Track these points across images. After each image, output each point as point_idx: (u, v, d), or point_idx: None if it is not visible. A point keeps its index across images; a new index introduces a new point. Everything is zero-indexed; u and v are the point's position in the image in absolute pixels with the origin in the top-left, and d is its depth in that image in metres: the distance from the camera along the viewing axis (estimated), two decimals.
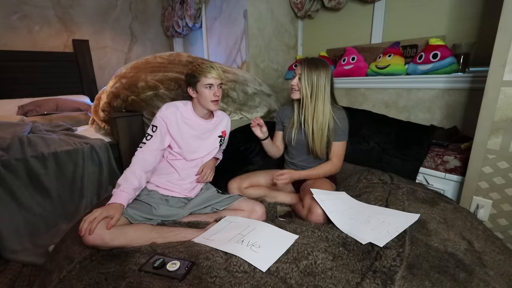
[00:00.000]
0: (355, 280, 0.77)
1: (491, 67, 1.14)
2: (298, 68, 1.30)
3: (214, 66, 1.23)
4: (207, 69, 1.21)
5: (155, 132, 1.21)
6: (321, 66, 1.28)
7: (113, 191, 1.08)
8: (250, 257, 0.86)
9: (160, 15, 3.91)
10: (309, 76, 1.27)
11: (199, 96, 1.24)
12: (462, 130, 1.65)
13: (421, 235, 0.96)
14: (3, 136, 1.56)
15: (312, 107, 1.30)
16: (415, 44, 1.84)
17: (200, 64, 1.23)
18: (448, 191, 1.42)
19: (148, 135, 1.22)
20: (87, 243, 0.94)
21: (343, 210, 1.10)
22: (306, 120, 1.33)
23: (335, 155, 1.36)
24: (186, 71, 1.27)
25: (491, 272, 0.83)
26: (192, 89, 1.25)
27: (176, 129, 1.25)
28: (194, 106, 1.30)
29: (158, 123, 1.22)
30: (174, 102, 1.30)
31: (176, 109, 1.26)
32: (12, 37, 2.90)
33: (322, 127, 1.30)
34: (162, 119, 1.23)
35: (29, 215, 1.48)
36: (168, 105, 1.27)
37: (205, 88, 1.21)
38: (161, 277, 0.80)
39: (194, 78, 1.22)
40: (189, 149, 1.28)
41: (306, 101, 1.30)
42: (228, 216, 1.17)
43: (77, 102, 2.98)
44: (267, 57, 2.54)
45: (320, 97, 1.28)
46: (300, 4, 2.41)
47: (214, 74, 1.21)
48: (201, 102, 1.25)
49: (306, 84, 1.28)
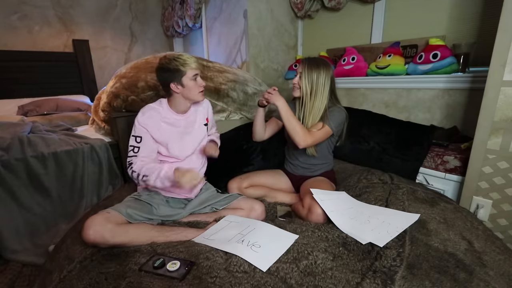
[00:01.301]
0: (355, 280, 0.77)
1: (491, 67, 1.14)
2: (299, 67, 1.32)
3: (192, 56, 1.19)
4: (189, 59, 1.15)
5: (141, 142, 1.17)
6: (321, 65, 1.29)
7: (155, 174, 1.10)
8: (250, 257, 0.86)
9: (160, 15, 3.91)
10: (310, 74, 1.28)
11: (185, 90, 1.18)
12: (462, 130, 1.65)
13: (421, 235, 0.96)
14: (3, 136, 1.56)
15: (311, 105, 1.31)
16: (415, 44, 1.84)
17: (179, 56, 1.15)
18: (448, 191, 1.42)
19: (135, 147, 1.16)
20: (87, 241, 0.94)
21: (343, 210, 1.10)
22: (305, 117, 1.34)
23: (317, 132, 1.28)
24: (161, 67, 1.17)
25: (491, 272, 0.83)
26: (175, 84, 1.16)
27: (158, 133, 1.20)
28: (172, 103, 1.23)
29: (140, 132, 1.17)
30: (148, 105, 1.24)
31: (152, 112, 1.21)
32: (12, 37, 2.90)
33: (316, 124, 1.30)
34: (142, 127, 1.17)
35: (29, 215, 1.48)
36: (143, 110, 1.21)
37: (191, 80, 1.16)
38: (161, 277, 0.80)
39: (178, 72, 1.14)
40: (178, 148, 1.24)
41: (305, 99, 1.32)
42: (228, 215, 1.17)
43: (77, 102, 2.98)
44: (267, 57, 2.54)
45: (319, 95, 1.30)
46: (300, 4, 2.41)
47: (196, 63, 1.17)
48: (188, 95, 1.20)
49: (306, 82, 1.29)
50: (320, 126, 1.30)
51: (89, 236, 0.93)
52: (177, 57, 1.15)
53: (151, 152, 1.20)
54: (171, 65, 1.14)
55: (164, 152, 1.23)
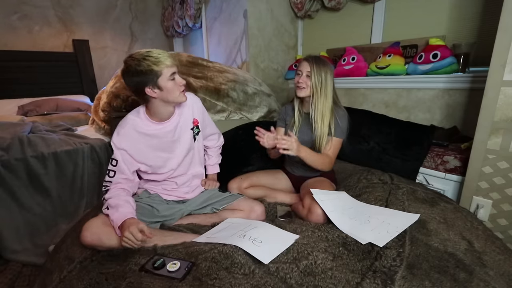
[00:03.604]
0: (355, 280, 0.77)
1: (491, 67, 1.14)
2: (306, 65, 1.28)
3: (163, 51, 1.03)
4: (161, 56, 0.99)
5: (116, 166, 1.06)
6: (327, 64, 1.29)
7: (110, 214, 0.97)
8: (253, 250, 0.86)
9: (160, 15, 3.91)
10: (319, 72, 1.26)
11: (163, 93, 1.02)
12: (462, 130, 1.65)
13: (421, 235, 0.96)
14: (3, 136, 1.56)
15: (321, 104, 1.29)
16: (415, 44, 1.84)
17: (149, 54, 0.98)
18: (448, 191, 1.42)
19: (110, 171, 1.07)
20: (85, 244, 0.94)
21: (343, 210, 1.10)
22: (316, 117, 1.31)
23: (331, 150, 1.32)
24: (129, 70, 0.99)
25: (491, 272, 0.83)
26: (151, 88, 1.00)
27: (137, 153, 1.08)
28: (152, 111, 1.08)
29: (116, 155, 1.07)
30: (124, 120, 1.10)
31: (128, 128, 1.07)
32: (12, 37, 2.90)
33: (328, 123, 1.30)
34: (118, 149, 1.06)
35: (29, 215, 1.48)
36: (118, 129, 1.08)
37: (169, 80, 1.01)
38: (162, 277, 0.80)
39: (152, 73, 0.97)
40: (165, 163, 1.14)
41: (316, 97, 1.29)
42: (228, 218, 1.17)
43: (77, 102, 2.98)
44: (267, 57, 2.54)
45: (328, 94, 1.29)
46: (300, 4, 2.41)
47: (171, 59, 1.01)
48: (168, 98, 1.04)
49: (316, 81, 1.26)
50: (329, 143, 1.31)
51: (87, 238, 0.93)
52: (147, 56, 0.97)
53: (127, 176, 1.09)
54: (141, 66, 0.96)
55: (148, 169, 1.13)
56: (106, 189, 1.06)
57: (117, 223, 0.93)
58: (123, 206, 0.97)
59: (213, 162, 1.43)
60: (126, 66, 1.00)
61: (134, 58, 0.98)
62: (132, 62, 0.98)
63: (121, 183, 1.07)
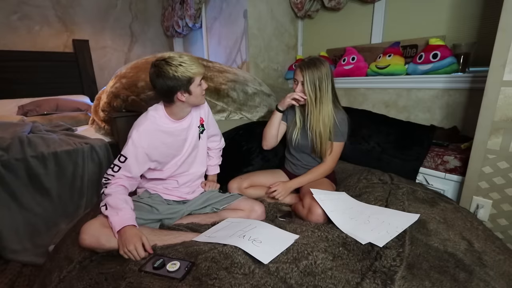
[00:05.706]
0: (355, 280, 0.77)
1: (491, 67, 1.14)
2: (299, 74, 1.25)
3: (194, 57, 1.07)
4: (193, 63, 1.02)
5: (124, 163, 1.04)
6: (320, 66, 1.24)
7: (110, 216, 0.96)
8: (252, 250, 0.86)
9: (160, 15, 3.91)
10: (312, 80, 1.23)
11: (192, 97, 1.07)
12: (462, 130, 1.65)
13: (421, 235, 0.96)
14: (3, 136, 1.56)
15: (318, 111, 1.26)
16: (415, 44, 1.84)
17: (183, 61, 1.01)
18: (448, 191, 1.42)
19: (115, 166, 1.05)
20: (83, 245, 0.94)
21: (343, 210, 1.10)
22: (311, 124, 1.29)
23: (331, 155, 1.34)
24: (164, 74, 1.00)
25: (491, 272, 0.83)
26: (182, 93, 1.04)
27: (153, 149, 1.08)
28: (173, 111, 1.11)
29: (128, 152, 1.04)
30: (145, 114, 1.11)
31: (149, 122, 1.07)
32: (12, 37, 2.90)
33: (327, 129, 1.28)
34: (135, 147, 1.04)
35: (29, 215, 1.48)
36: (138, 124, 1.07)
37: (198, 85, 1.07)
38: (161, 277, 0.80)
39: (187, 80, 1.02)
40: (172, 159, 1.16)
41: (311, 106, 1.26)
42: (228, 218, 1.17)
43: (77, 102, 2.99)
44: (267, 57, 2.54)
45: (324, 99, 1.25)
46: (300, 4, 2.41)
47: (201, 65, 1.06)
48: (193, 102, 1.11)
49: (309, 90, 1.24)
50: (330, 148, 1.32)
51: (85, 241, 0.93)
52: (182, 62, 1.00)
53: (132, 174, 1.08)
54: (178, 72, 1.00)
55: (158, 167, 1.15)
56: (107, 182, 1.04)
57: (116, 227, 0.93)
58: (123, 209, 0.97)
59: (213, 163, 1.44)
60: (159, 70, 1.01)
61: (170, 63, 1.00)
62: (167, 67, 1.00)
63: (122, 179, 1.06)
